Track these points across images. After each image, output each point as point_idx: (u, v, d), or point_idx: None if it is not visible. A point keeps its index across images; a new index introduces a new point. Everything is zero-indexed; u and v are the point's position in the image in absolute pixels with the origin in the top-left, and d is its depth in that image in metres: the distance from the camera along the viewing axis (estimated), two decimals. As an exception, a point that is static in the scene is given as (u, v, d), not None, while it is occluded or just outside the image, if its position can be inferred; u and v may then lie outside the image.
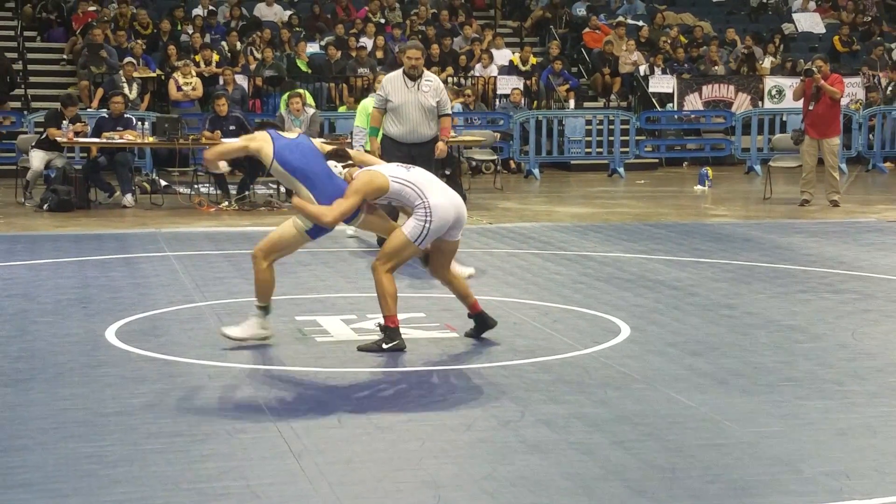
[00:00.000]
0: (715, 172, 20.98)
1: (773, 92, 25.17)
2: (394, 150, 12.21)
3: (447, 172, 15.56)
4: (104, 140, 16.79)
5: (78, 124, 17.19)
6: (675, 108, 24.99)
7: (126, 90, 21.16)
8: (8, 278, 10.98)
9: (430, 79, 12.63)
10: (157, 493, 5.39)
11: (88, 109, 21.19)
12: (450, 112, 12.90)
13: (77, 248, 12.96)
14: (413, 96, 12.39)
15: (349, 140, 16.89)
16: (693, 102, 25.12)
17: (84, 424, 6.40)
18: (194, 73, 22.21)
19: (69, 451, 5.99)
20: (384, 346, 8.07)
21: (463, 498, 5.33)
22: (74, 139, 17.21)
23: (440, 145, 12.67)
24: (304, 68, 24.07)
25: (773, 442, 6.19)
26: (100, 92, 21.81)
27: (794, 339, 8.66)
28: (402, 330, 8.20)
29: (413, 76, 12.44)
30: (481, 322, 8.58)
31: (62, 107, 17.52)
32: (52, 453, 5.95)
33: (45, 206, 16.29)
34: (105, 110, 18.18)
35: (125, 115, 17.47)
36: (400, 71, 12.62)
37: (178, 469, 5.72)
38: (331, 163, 8.20)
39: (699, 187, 20.12)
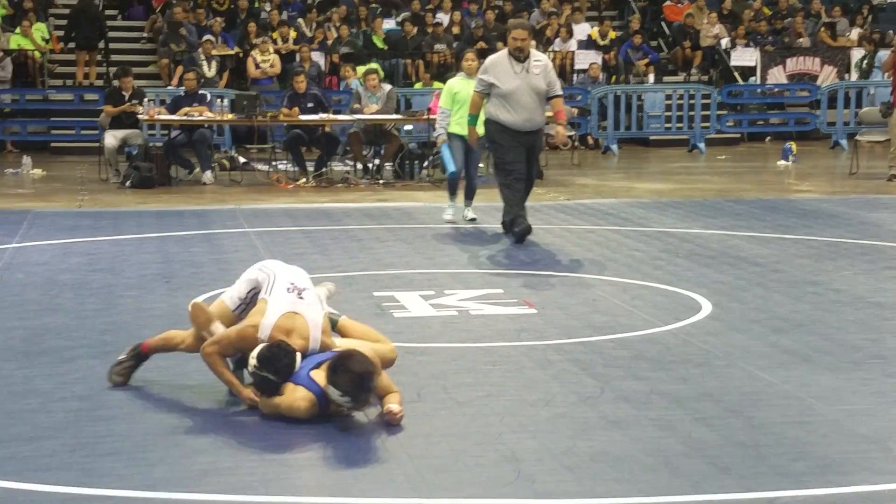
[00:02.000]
0: (799, 147, 20.71)
1: (861, 64, 24.75)
2: (508, 138, 11.47)
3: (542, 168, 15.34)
4: (182, 117, 16.91)
5: (135, 103, 17.23)
6: (758, 82, 24.69)
7: (205, 68, 21.31)
8: (93, 253, 11.11)
9: (539, 59, 11.68)
10: (242, 462, 5.44)
11: (168, 87, 21.39)
12: (561, 92, 12.02)
13: (159, 223, 13.09)
14: (523, 80, 11.43)
15: (429, 116, 16.89)
16: (777, 76, 24.80)
17: (169, 395, 6.49)
18: (272, 51, 22.31)
19: (155, 421, 6.08)
20: None
21: (542, 472, 5.32)
22: (154, 116, 17.35)
23: (560, 130, 11.92)
24: (380, 45, 24.09)
25: (860, 419, 6.12)
26: (179, 69, 21.94)
27: (881, 317, 8.54)
28: (480, 305, 8.15)
29: (520, 58, 11.49)
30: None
31: (117, 79, 17.68)
32: (139, 423, 6.03)
33: (127, 183, 16.46)
34: (182, 88, 18.30)
35: (200, 92, 17.58)
36: (504, 52, 11.70)
37: (263, 439, 5.77)
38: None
39: (783, 162, 19.89)
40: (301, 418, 5.95)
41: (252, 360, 6.04)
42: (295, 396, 5.97)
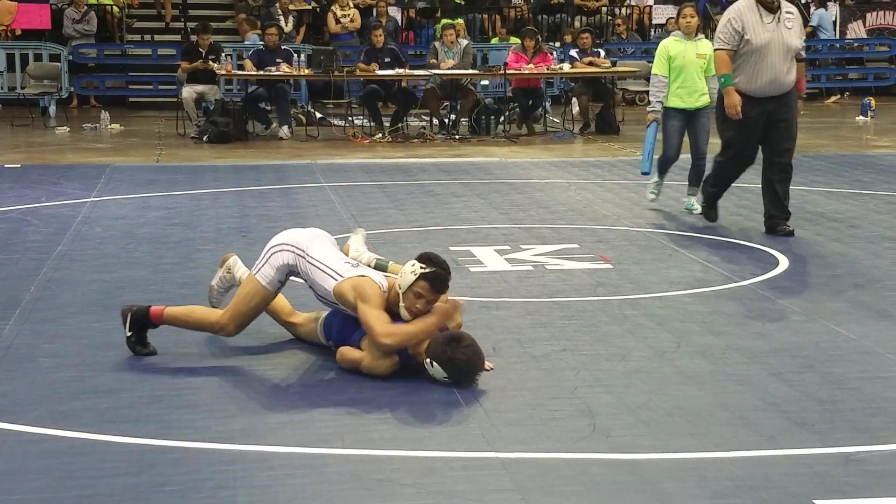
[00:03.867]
0: (878, 103, 20.41)
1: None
2: (743, 107, 9.65)
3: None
4: (260, 72, 16.97)
5: (211, 62, 17.31)
6: (837, 37, 24.31)
7: (282, 22, 21.35)
8: (171, 207, 11.22)
9: (791, 10, 9.79)
10: (318, 416, 5.49)
11: (245, 42, 21.45)
12: (805, 55, 10.06)
13: (236, 178, 13.18)
14: (776, 34, 9.58)
15: (505, 71, 16.82)
16: (856, 31, 24.41)
17: (247, 349, 6.54)
18: (351, 5, 22.29)
19: (232, 374, 6.14)
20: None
21: (618, 427, 5.32)
22: (232, 71, 17.43)
23: (799, 105, 9.92)
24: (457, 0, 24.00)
25: (937, 376, 6.06)
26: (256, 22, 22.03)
27: (959, 273, 8.43)
28: (556, 260, 8.14)
29: (772, 6, 9.64)
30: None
31: (196, 35, 17.79)
32: (215, 376, 6.10)
33: (204, 138, 16.58)
34: (261, 42, 18.36)
35: (282, 48, 17.62)
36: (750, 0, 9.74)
37: (339, 392, 5.82)
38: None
39: (861, 118, 19.61)
40: (379, 376, 6.00)
41: (416, 266, 6.04)
42: (376, 355, 6.01)
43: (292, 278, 6.48)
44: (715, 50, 9.85)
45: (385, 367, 6.01)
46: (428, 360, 5.94)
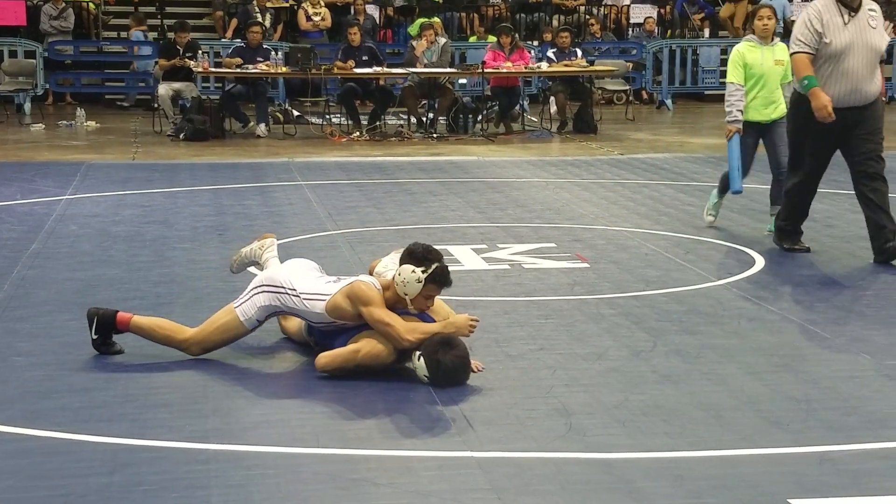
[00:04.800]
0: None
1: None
2: (814, 122, 8.61)
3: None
4: (237, 70, 16.92)
5: (187, 59, 17.25)
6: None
7: (259, 20, 21.28)
8: (147, 205, 11.18)
9: (874, 7, 8.79)
10: (294, 415, 5.47)
11: (223, 40, 21.40)
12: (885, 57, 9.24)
13: (213, 176, 13.14)
14: (858, 35, 8.59)
15: (482, 70, 16.82)
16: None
17: (220, 349, 6.50)
18: (323, 4, 22.22)
19: (207, 373, 6.11)
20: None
21: (594, 426, 5.31)
22: (209, 69, 17.38)
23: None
24: (435, -2, 24.00)
25: (912, 375, 6.08)
26: (233, 22, 21.99)
27: (935, 272, 8.46)
28: (532, 259, 8.14)
29: (853, 4, 8.66)
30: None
31: (174, 33, 17.74)
32: (190, 375, 6.07)
33: (181, 136, 16.52)
34: (240, 40, 18.30)
35: (263, 46, 17.57)
36: None
37: (314, 392, 5.81)
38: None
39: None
40: (380, 364, 5.97)
41: (416, 272, 5.98)
42: (374, 340, 5.99)
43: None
44: (792, 54, 8.82)
45: (388, 352, 5.97)
46: (417, 354, 5.92)
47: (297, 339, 6.59)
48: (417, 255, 6.08)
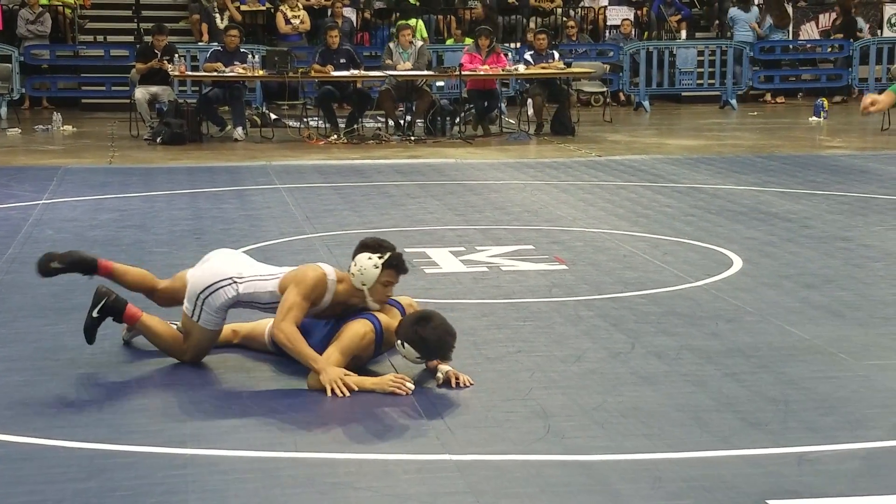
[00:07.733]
0: (830, 103, 20.54)
1: (894, 20, 24.48)
2: None
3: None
4: (213, 73, 16.88)
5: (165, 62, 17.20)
6: (790, 38, 24.44)
7: (218, 21, 21.17)
8: (124, 209, 11.13)
9: None
10: (271, 419, 5.45)
11: (199, 43, 21.35)
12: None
13: (190, 180, 13.10)
14: None
15: (460, 72, 16.79)
16: (809, 32, 24.56)
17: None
18: (301, 6, 22.18)
19: (184, 378, 6.09)
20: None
21: (573, 428, 5.31)
22: (186, 72, 17.32)
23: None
24: (413, 0, 23.96)
25: (890, 374, 6.09)
26: (205, 26, 21.92)
27: (911, 272, 8.48)
28: (510, 262, 8.13)
29: None
30: None
31: (152, 36, 17.70)
32: (167, 380, 6.05)
33: (158, 139, 16.47)
34: (216, 44, 18.24)
35: (241, 49, 17.53)
36: None
37: (292, 396, 5.78)
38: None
39: (814, 118, 19.74)
40: (361, 348, 5.96)
41: (373, 258, 6.00)
42: (355, 326, 5.97)
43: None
44: None
45: (364, 332, 5.96)
46: (399, 341, 5.91)
47: (259, 349, 6.52)
48: (371, 245, 6.13)
